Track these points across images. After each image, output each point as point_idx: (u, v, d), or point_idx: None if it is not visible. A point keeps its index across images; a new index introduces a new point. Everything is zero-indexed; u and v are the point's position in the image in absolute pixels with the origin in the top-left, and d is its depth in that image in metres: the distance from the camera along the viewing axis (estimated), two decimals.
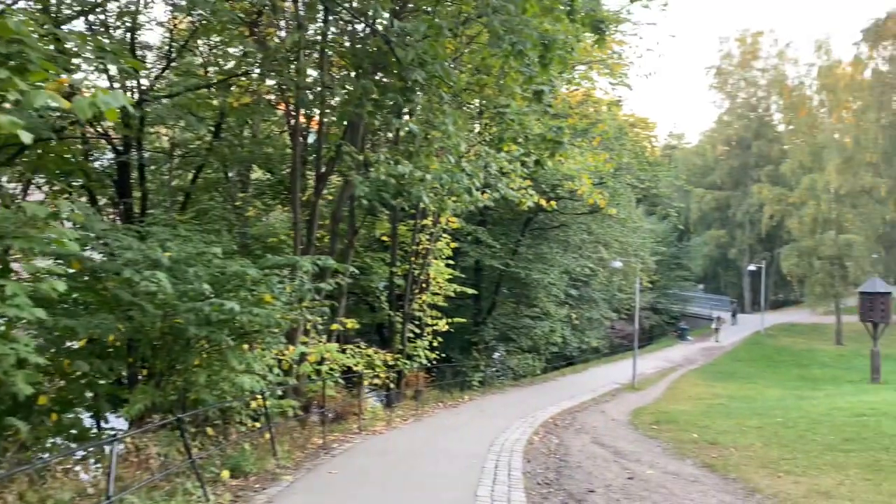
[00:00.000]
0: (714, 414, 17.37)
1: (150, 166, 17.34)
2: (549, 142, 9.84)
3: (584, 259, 30.19)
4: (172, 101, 14.52)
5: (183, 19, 15.72)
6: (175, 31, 15.92)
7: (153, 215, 15.16)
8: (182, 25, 16.14)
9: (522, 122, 11.77)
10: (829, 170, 45.04)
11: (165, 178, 18.07)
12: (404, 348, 18.89)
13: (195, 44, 15.88)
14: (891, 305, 30.68)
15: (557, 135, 9.74)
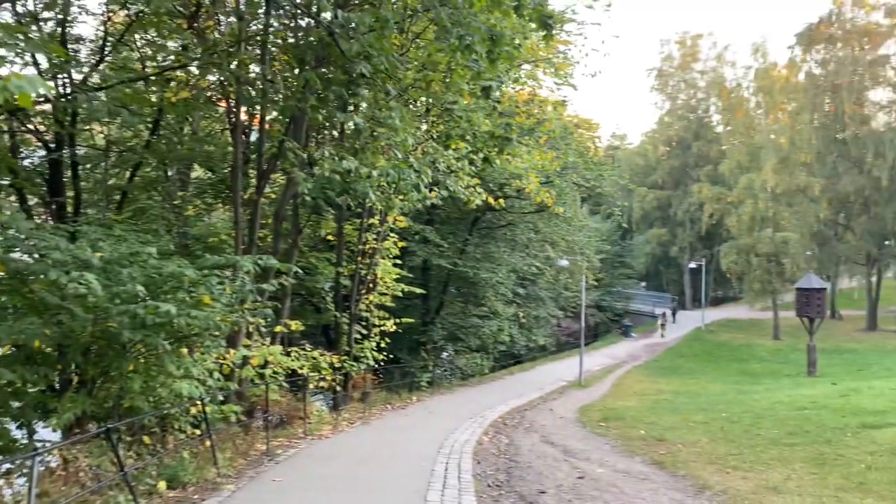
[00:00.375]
0: (660, 410, 17.55)
1: (85, 164, 16.65)
2: (498, 138, 9.70)
3: (531, 258, 30.31)
4: (107, 95, 13.89)
5: (118, 11, 15.09)
6: (110, 23, 15.26)
7: (87, 215, 14.52)
8: (118, 19, 15.52)
9: (471, 119, 11.63)
10: (765, 169, 46.32)
11: (101, 176, 17.37)
12: (351, 350, 18.55)
13: (132, 38, 15.25)
14: (826, 301, 31.67)
15: (506, 131, 9.61)
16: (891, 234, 49.88)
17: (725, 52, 66.20)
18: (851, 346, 43.29)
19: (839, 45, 50.60)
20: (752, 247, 47.19)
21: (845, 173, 49.43)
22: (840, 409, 13.50)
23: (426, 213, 26.56)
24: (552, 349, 42.35)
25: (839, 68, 49.81)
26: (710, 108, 68.21)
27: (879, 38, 49.56)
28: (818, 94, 50.03)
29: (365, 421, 15.77)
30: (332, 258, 19.69)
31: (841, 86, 49.39)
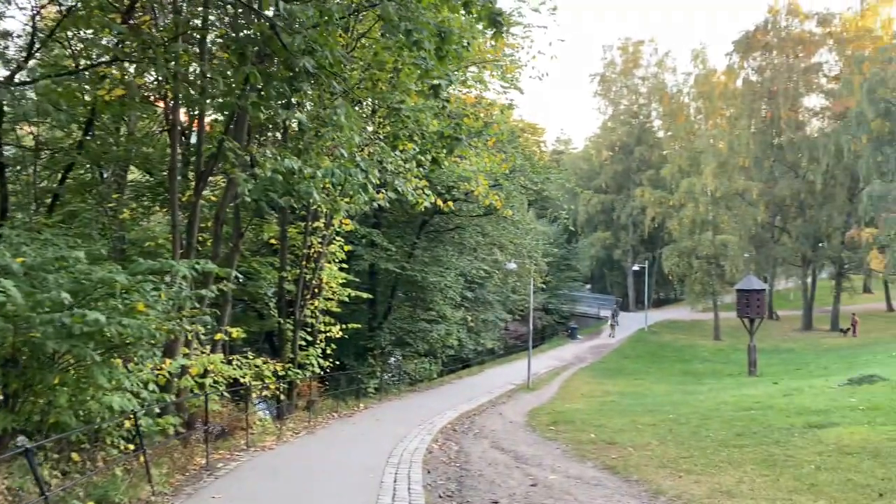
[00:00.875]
0: (608, 412, 17.54)
1: (13, 166, 15.84)
2: (447, 138, 9.43)
3: (479, 261, 30.19)
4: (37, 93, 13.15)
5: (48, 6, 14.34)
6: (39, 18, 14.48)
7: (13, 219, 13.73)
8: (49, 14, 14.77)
9: (418, 119, 11.35)
10: (706, 173, 47.40)
11: (30, 178, 16.54)
12: (296, 357, 18.02)
13: (64, 35, 14.51)
14: (765, 302, 32.41)
15: (456, 131, 9.35)
16: (824, 237, 51.64)
17: (666, 58, 67.77)
18: (789, 345, 44.54)
19: (775, 53, 52.26)
20: (693, 249, 48.19)
21: (782, 177, 51.02)
22: (784, 408, 13.67)
23: (373, 217, 26.17)
24: (500, 352, 42.36)
25: (775, 75, 51.41)
26: (652, 113, 69.59)
27: (813, 46, 51.36)
28: (755, 100, 51.51)
29: (310, 430, 15.30)
30: (275, 263, 19.13)
31: (777, 92, 50.97)
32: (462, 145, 9.45)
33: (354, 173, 7.94)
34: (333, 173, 7.72)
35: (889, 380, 16.32)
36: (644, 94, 68.95)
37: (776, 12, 52.22)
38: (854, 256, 49.50)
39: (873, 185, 41.25)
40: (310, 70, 7.35)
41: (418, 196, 13.51)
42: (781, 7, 52.01)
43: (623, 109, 69.47)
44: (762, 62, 52.69)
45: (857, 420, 11.31)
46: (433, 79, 9.24)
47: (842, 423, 11.20)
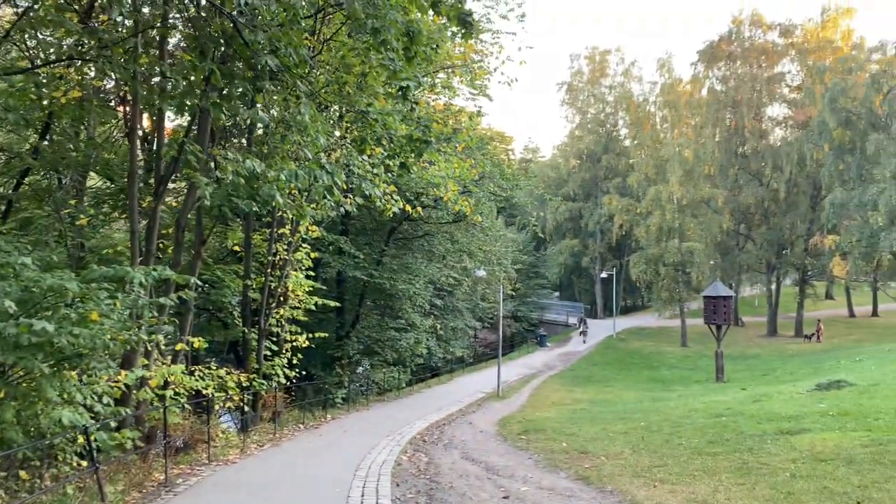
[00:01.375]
0: (579, 420, 17.39)
1: None
2: (417, 141, 9.18)
3: (448, 269, 29.96)
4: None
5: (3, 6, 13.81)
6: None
7: None
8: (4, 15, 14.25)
9: (386, 122, 11.08)
10: (672, 181, 47.82)
11: None
12: (260, 367, 17.56)
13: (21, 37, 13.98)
14: (732, 308, 32.66)
15: (425, 134, 9.10)
16: (788, 244, 52.43)
17: (632, 67, 68.45)
18: (754, 351, 45.03)
19: (739, 63, 53.04)
20: (660, 256, 48.54)
21: (746, 185, 51.71)
22: (755, 415, 13.62)
23: (341, 224, 25.78)
24: (470, 361, 42.11)
25: (739, 85, 52.18)
26: (619, 122, 70.19)
27: (776, 56, 52.24)
28: (720, 109, 52.21)
29: (275, 443, 14.86)
30: (239, 271, 18.66)
31: (741, 101, 51.72)
32: (431, 148, 9.21)
33: (320, 175, 7.63)
34: (297, 175, 7.40)
35: (856, 385, 16.42)
36: (611, 102, 69.55)
37: (740, 23, 53.06)
38: (817, 263, 50.30)
39: (835, 193, 41.96)
40: (273, 68, 7.04)
41: (386, 202, 13.23)
42: (745, 18, 52.93)
43: (590, 118, 69.98)
44: (726, 72, 53.48)
45: (828, 426, 11.26)
46: (401, 80, 9.00)
47: (813, 429, 11.14)
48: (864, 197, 39.91)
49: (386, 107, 11.41)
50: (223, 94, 7.97)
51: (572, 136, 71.35)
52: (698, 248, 48.18)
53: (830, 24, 50.03)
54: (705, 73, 54.00)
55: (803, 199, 50.80)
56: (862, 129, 41.34)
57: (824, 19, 50.43)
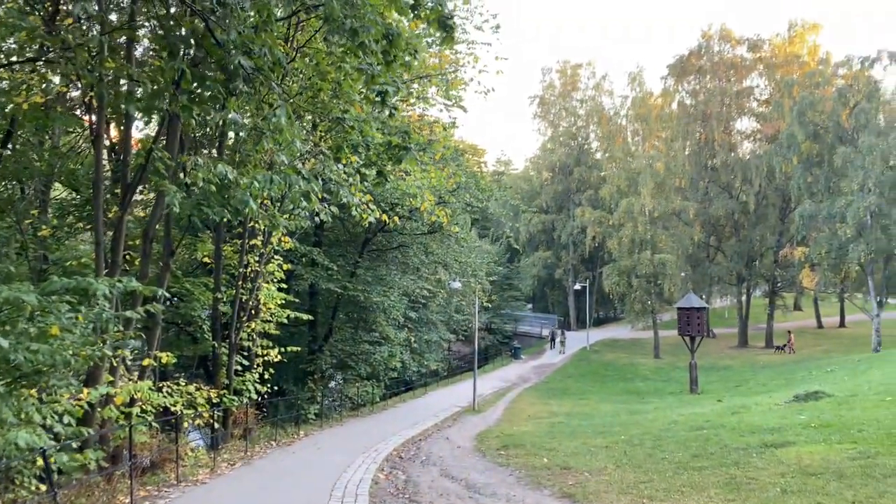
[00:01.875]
0: (558, 434, 17.12)
1: None
2: (396, 148, 8.88)
3: (422, 281, 29.62)
4: None
5: None
6: None
7: None
8: None
9: (363, 130, 10.77)
10: (643, 194, 48.07)
11: None
12: (231, 382, 17.03)
13: None
14: (705, 319, 32.72)
15: (404, 140, 8.80)
16: (758, 256, 52.99)
17: (603, 81, 68.98)
18: (726, 362, 45.26)
19: (708, 77, 53.69)
20: (633, 268, 48.69)
21: (716, 198, 52.20)
22: (736, 427, 13.46)
23: (314, 235, 25.36)
24: (444, 374, 41.72)
25: (709, 98, 52.82)
26: (590, 135, 70.64)
27: (744, 70, 52.99)
28: (690, 122, 52.76)
29: (247, 461, 14.35)
30: (210, 283, 18.13)
31: (711, 115, 52.33)
32: (411, 155, 8.92)
33: (296, 181, 7.28)
34: (272, 180, 7.05)
35: (833, 396, 16.39)
36: (582, 116, 69.99)
37: (709, 37, 53.76)
38: (786, 274, 50.86)
39: (804, 205, 42.47)
40: (246, 68, 6.70)
41: (362, 211, 12.90)
42: (714, 32, 53.62)
43: (562, 131, 70.31)
44: (696, 86, 54.12)
45: (812, 438, 11.12)
46: (380, 85, 8.70)
47: (798, 441, 10.99)
48: (833, 209, 40.44)
49: (362, 114, 11.11)
50: (193, 97, 7.59)
51: (544, 148, 71.61)
52: (670, 259, 48.41)
53: (797, 40, 50.91)
54: (675, 86, 54.60)
55: (772, 212, 51.43)
56: (829, 143, 41.96)
57: (791, 35, 51.31)
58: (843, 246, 40.46)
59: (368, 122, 10.77)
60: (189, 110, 7.54)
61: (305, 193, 7.29)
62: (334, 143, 11.32)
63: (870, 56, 41.49)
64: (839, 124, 41.55)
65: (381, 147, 10.52)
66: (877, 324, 41.45)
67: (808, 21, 51.18)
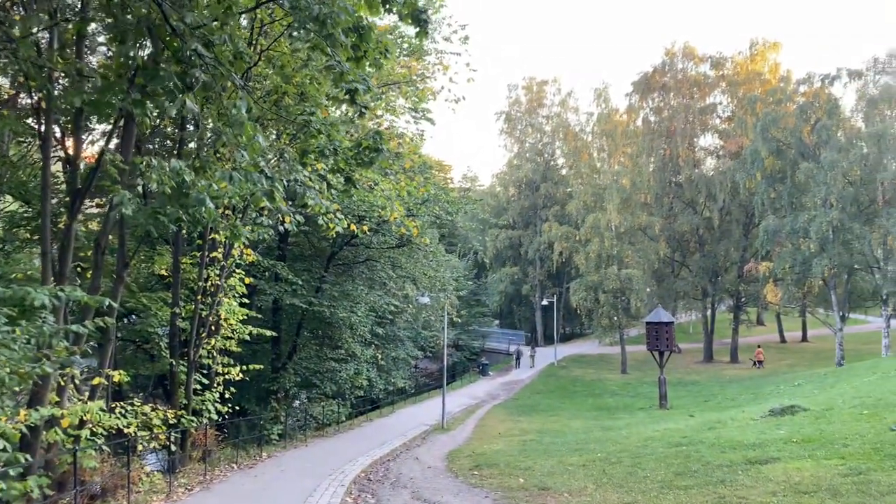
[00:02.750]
0: (531, 452, 16.59)
1: None
2: (366, 150, 8.34)
3: (389, 296, 28.96)
4: None
5: None
6: None
7: None
8: None
9: (330, 133, 10.20)
10: (609, 209, 48.14)
11: None
12: (189, 402, 16.19)
13: None
14: (674, 334, 32.61)
15: (376, 141, 8.27)
16: (722, 271, 53.40)
17: (569, 98, 69.34)
18: (693, 377, 45.30)
19: (672, 94, 54.24)
20: (600, 283, 48.60)
21: (681, 213, 52.58)
22: (716, 443, 13.09)
23: (277, 249, 24.61)
24: (411, 391, 40.96)
25: (673, 115, 53.33)
26: (556, 151, 70.86)
27: (707, 88, 53.67)
28: (654, 138, 53.17)
29: (206, 486, 13.54)
30: (167, 298, 17.30)
31: (675, 132, 52.80)
32: (383, 156, 8.39)
33: (258, 179, 6.68)
34: (231, 178, 6.44)
35: (809, 410, 16.16)
36: (548, 132, 70.20)
37: (673, 55, 54.38)
38: (750, 289, 51.31)
39: (768, 220, 42.87)
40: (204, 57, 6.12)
41: (330, 220, 12.29)
42: (678, 50, 54.22)
43: (528, 147, 70.41)
44: (660, 103, 54.64)
45: (796, 454, 10.77)
46: (349, 83, 8.18)
47: (782, 457, 10.63)
48: (796, 224, 40.88)
49: (329, 118, 10.57)
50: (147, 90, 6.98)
51: (511, 164, 71.61)
52: (637, 275, 48.45)
53: (759, 58, 51.75)
54: (639, 103, 55.05)
55: (736, 227, 51.94)
56: (792, 159, 42.50)
57: (753, 52, 52.14)
58: (806, 261, 40.88)
59: (336, 125, 10.20)
60: (142, 105, 6.93)
61: (269, 192, 6.68)
62: (299, 149, 10.72)
63: (830, 73, 42.23)
64: (801, 140, 42.13)
65: (350, 151, 9.96)
66: (840, 338, 41.86)
67: (769, 40, 52.08)
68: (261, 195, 6.55)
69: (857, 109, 42.23)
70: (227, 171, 6.38)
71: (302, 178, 11.24)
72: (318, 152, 10.41)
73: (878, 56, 40.91)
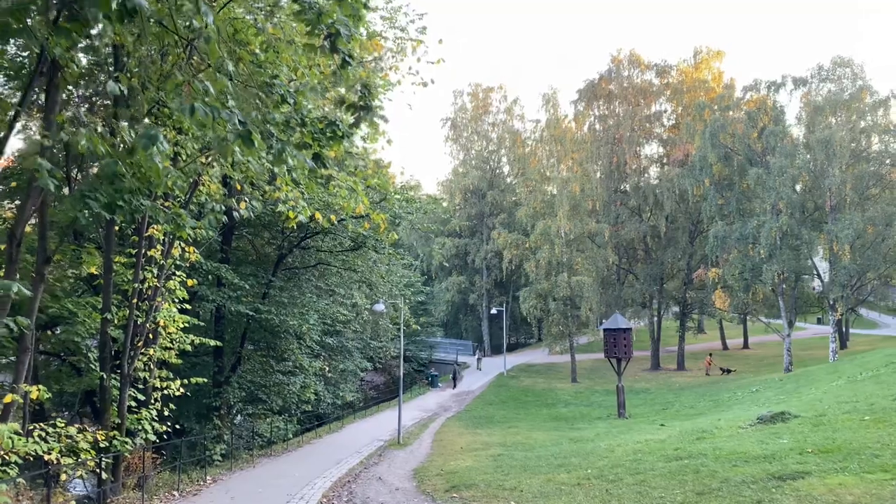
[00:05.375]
0: (508, 469, 15.17)
1: None
2: (351, 108, 6.81)
3: (337, 305, 27.18)
4: None
5: None
6: None
7: None
8: None
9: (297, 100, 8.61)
10: (560, 216, 47.41)
11: None
12: (123, 422, 14.15)
13: None
14: (632, 341, 31.79)
15: (363, 96, 6.76)
16: (668, 278, 53.34)
17: (514, 105, 68.79)
18: (642, 385, 44.83)
19: (618, 102, 54.09)
20: (550, 291, 47.76)
21: (628, 221, 52.29)
22: (720, 456, 11.92)
23: (220, 251, 22.58)
24: (360, 405, 39.07)
25: (619, 123, 53.13)
26: (503, 158, 70.15)
27: (652, 96, 53.69)
28: (601, 146, 52.86)
29: None
30: (97, 303, 15.24)
31: (621, 139, 52.60)
32: (374, 115, 6.88)
33: (230, 116, 5.00)
34: (192, 110, 4.79)
35: (800, 417, 15.24)
36: (494, 140, 69.44)
37: (619, 62, 54.28)
38: (696, 297, 51.36)
39: (717, 227, 42.82)
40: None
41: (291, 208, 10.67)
42: (624, 57, 54.14)
43: (475, 154, 69.47)
44: (606, 110, 54.45)
45: (825, 467, 9.64)
46: (329, 25, 6.67)
47: (811, 471, 9.48)
48: (745, 230, 40.90)
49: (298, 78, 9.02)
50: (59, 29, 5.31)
51: (456, 172, 70.43)
52: (587, 282, 47.80)
53: (703, 66, 52.11)
54: (586, 111, 54.73)
55: (682, 235, 51.96)
56: (740, 165, 42.63)
57: (697, 61, 52.47)
58: (756, 267, 40.91)
59: (303, 92, 8.62)
60: (66, 34, 5.24)
61: (245, 135, 5.01)
62: (259, 116, 9.06)
63: (776, 81, 42.58)
64: (749, 147, 42.30)
65: (320, 123, 8.41)
66: (788, 344, 42.00)
67: (712, 48, 52.50)
68: (233, 139, 4.87)
69: (801, 117, 42.65)
70: (187, 104, 4.73)
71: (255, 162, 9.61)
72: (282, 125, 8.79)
73: (822, 63, 41.36)
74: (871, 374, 22.19)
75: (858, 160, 40.23)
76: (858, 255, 38.98)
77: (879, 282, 42.53)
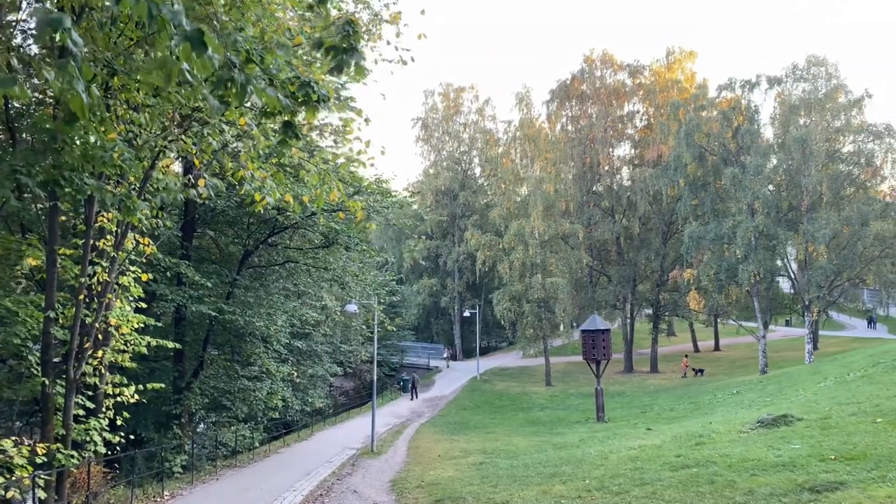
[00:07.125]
0: (495, 479, 14.03)
1: None
2: (332, 51, 5.61)
3: (306, 307, 25.77)
4: None
5: None
6: None
7: None
8: None
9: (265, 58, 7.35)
10: (534, 216, 46.52)
11: None
12: (68, 432, 12.64)
13: None
14: (610, 343, 30.90)
15: (346, 38, 5.57)
16: (641, 279, 52.77)
17: (486, 106, 67.89)
18: (617, 387, 44.06)
19: (590, 102, 53.46)
20: (524, 293, 46.83)
21: (601, 222, 51.62)
22: (733, 464, 10.91)
23: (180, 246, 21.05)
24: (329, 412, 37.58)
25: (591, 124, 52.48)
26: (474, 159, 69.21)
27: (625, 96, 53.15)
28: (573, 147, 52.13)
29: None
30: (40, 301, 13.74)
31: (594, 140, 51.95)
32: (359, 59, 5.69)
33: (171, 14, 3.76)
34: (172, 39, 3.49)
35: (804, 419, 14.33)
36: (466, 140, 68.46)
37: (592, 62, 53.66)
38: (670, 298, 50.87)
39: (692, 227, 42.30)
40: None
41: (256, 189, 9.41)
42: (597, 57, 53.54)
43: (446, 155, 68.36)
44: (578, 111, 53.78)
45: (860, 476, 8.65)
46: None
47: (845, 481, 8.49)
48: (721, 230, 40.42)
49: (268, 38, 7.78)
50: None
51: (427, 173, 69.21)
52: (561, 283, 46.96)
53: (676, 66, 51.72)
54: (558, 111, 54.00)
55: (655, 236, 51.42)
56: (714, 165, 42.20)
57: (670, 61, 52.05)
58: (731, 267, 40.44)
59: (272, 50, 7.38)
60: None
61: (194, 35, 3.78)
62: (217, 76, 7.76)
63: (751, 80, 42.22)
64: (725, 146, 41.88)
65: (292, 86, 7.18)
66: (763, 345, 41.60)
67: (685, 49, 52.16)
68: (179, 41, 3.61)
69: (775, 116, 42.33)
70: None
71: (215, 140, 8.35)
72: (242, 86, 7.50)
73: (797, 62, 41.12)
74: (862, 375, 21.51)
75: (833, 160, 40.01)
76: (834, 255, 38.70)
77: (850, 283, 42.36)
